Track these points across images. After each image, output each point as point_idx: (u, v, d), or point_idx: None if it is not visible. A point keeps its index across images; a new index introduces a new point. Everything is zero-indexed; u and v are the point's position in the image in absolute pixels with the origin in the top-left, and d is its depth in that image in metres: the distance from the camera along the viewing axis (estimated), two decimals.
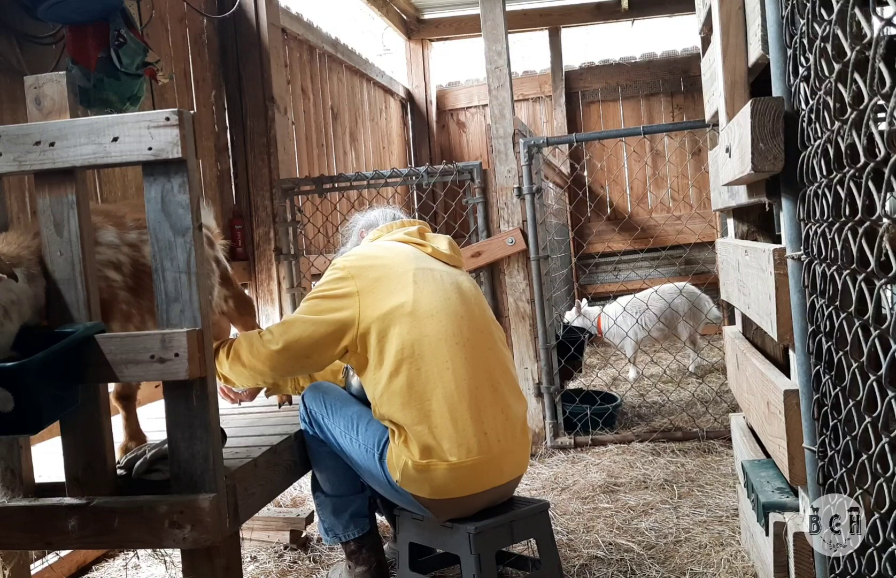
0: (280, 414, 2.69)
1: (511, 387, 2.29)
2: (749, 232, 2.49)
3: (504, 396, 2.23)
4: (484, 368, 2.20)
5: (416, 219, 2.64)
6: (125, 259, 2.00)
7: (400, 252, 2.33)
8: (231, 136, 4.29)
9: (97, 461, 1.83)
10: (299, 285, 4.18)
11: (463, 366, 2.14)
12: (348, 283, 2.20)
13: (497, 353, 2.27)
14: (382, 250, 2.36)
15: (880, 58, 1.01)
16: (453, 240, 2.52)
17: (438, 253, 2.40)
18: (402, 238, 2.43)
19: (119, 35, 2.78)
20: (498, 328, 2.37)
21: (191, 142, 1.74)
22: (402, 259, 2.28)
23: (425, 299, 2.18)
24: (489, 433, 2.14)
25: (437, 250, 2.40)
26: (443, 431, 2.08)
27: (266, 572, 2.74)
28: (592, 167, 7.83)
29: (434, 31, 7.84)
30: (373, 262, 2.27)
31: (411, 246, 2.39)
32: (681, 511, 2.98)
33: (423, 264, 2.28)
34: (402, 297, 2.16)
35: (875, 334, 1.14)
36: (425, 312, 2.16)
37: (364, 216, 2.67)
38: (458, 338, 2.17)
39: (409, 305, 2.15)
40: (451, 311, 2.20)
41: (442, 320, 2.17)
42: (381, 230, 2.50)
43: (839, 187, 1.29)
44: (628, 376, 5.37)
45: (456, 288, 2.27)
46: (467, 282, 2.36)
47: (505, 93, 4.02)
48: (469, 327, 2.21)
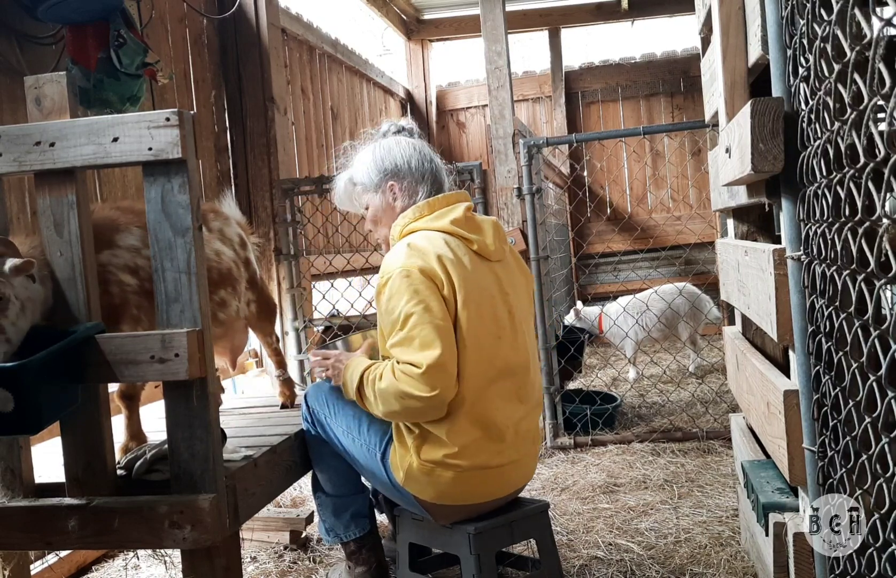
0: (280, 414, 2.69)
1: (536, 402, 2.21)
2: (749, 232, 2.49)
3: (526, 412, 2.16)
4: (511, 381, 2.10)
5: (457, 190, 2.30)
6: (143, 263, 1.99)
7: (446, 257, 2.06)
8: (231, 136, 4.29)
9: (97, 461, 1.84)
10: (299, 286, 4.18)
11: (489, 379, 2.06)
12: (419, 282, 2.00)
13: (527, 368, 2.15)
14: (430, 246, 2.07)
15: (880, 58, 1.01)
16: (499, 224, 2.24)
17: (484, 249, 2.13)
18: (447, 228, 2.11)
19: (119, 35, 2.78)
20: (533, 334, 2.23)
21: (191, 142, 1.74)
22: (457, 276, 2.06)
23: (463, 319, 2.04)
24: (503, 449, 2.08)
25: (483, 245, 2.13)
26: (457, 437, 2.03)
27: (266, 572, 2.74)
28: (592, 167, 7.83)
29: (434, 31, 7.84)
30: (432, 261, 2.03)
31: (457, 241, 2.10)
32: (681, 511, 2.98)
33: (470, 283, 2.07)
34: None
35: (875, 335, 1.14)
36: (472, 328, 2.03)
37: (389, 153, 2.24)
38: (489, 349, 2.07)
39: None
40: (485, 325, 2.07)
41: (483, 334, 2.05)
42: (421, 209, 2.17)
43: (839, 188, 1.29)
44: (628, 376, 5.37)
45: (497, 300, 2.10)
46: (511, 282, 2.18)
47: (505, 93, 4.02)
48: (504, 339, 2.09)
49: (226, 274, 2.35)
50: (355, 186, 2.32)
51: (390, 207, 2.24)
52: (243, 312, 2.51)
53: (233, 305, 2.38)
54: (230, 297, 2.36)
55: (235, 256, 2.45)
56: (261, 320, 2.73)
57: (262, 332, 2.82)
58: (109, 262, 1.95)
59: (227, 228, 2.52)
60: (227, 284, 2.35)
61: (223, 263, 2.34)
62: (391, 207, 2.24)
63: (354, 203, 2.36)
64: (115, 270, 1.95)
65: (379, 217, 2.28)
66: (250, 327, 2.74)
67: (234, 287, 2.39)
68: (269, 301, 2.82)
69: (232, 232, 2.54)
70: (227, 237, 2.48)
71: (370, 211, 2.29)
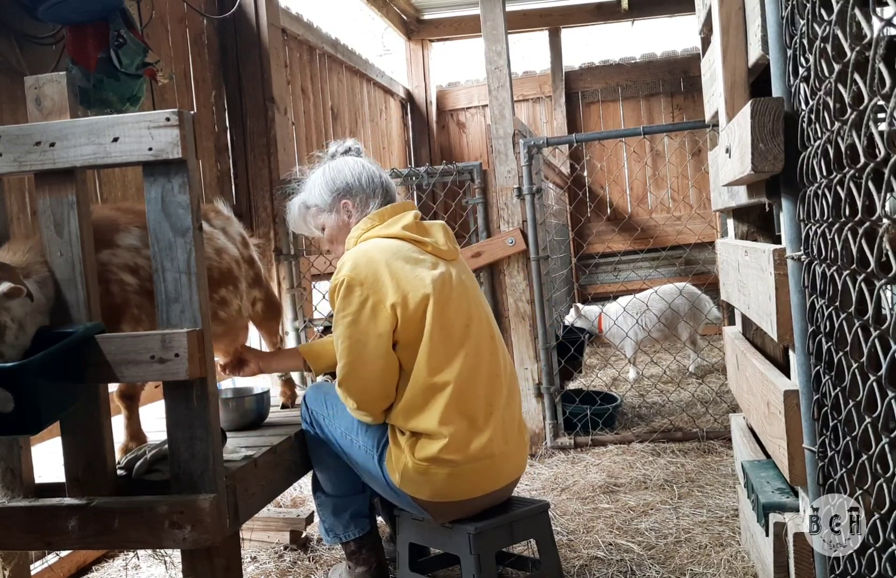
0: (280, 414, 2.69)
1: (509, 387, 2.28)
2: (749, 232, 2.49)
3: (503, 397, 2.23)
4: (485, 370, 2.19)
5: (405, 200, 2.39)
6: (143, 262, 1.99)
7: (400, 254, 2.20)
8: (231, 136, 4.29)
9: (97, 461, 1.84)
10: (299, 286, 4.18)
11: (466, 369, 2.14)
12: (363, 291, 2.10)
13: (496, 353, 2.26)
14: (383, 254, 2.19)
15: (880, 58, 1.01)
16: (448, 227, 2.34)
17: (438, 250, 2.25)
18: (400, 233, 2.21)
19: (119, 35, 2.78)
20: (495, 324, 2.34)
21: (191, 142, 1.74)
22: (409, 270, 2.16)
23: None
24: (494, 437, 2.13)
25: (436, 246, 2.26)
26: (445, 425, 2.08)
27: (266, 572, 2.74)
28: (592, 168, 7.82)
29: (434, 31, 7.84)
30: (384, 269, 2.12)
31: (410, 245, 2.23)
32: (681, 511, 2.98)
33: (430, 279, 2.15)
34: (427, 291, 2.12)
35: (875, 335, 1.14)
36: (447, 315, 2.14)
37: (339, 174, 2.32)
38: (461, 341, 2.16)
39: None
40: (465, 315, 2.18)
41: (458, 324, 2.16)
42: (372, 219, 2.25)
43: (839, 188, 1.29)
44: (628, 376, 5.37)
45: (461, 290, 2.22)
46: (468, 280, 2.32)
47: (505, 93, 4.02)
48: (472, 329, 2.19)
49: (226, 272, 2.35)
50: (309, 208, 2.39)
51: (345, 225, 2.33)
52: (247, 311, 2.52)
53: (234, 304, 2.38)
54: (231, 296, 2.37)
55: (238, 254, 2.46)
56: (267, 320, 2.73)
57: (268, 331, 2.83)
58: (109, 261, 1.95)
59: (229, 227, 2.52)
60: (228, 282, 2.35)
61: (224, 261, 2.35)
62: (346, 225, 2.32)
63: (309, 226, 2.43)
64: (116, 269, 1.95)
65: (335, 236, 2.36)
66: (256, 327, 2.75)
67: (235, 286, 2.39)
68: (275, 301, 2.82)
69: (234, 231, 2.54)
70: (229, 236, 2.48)
71: (326, 231, 2.38)
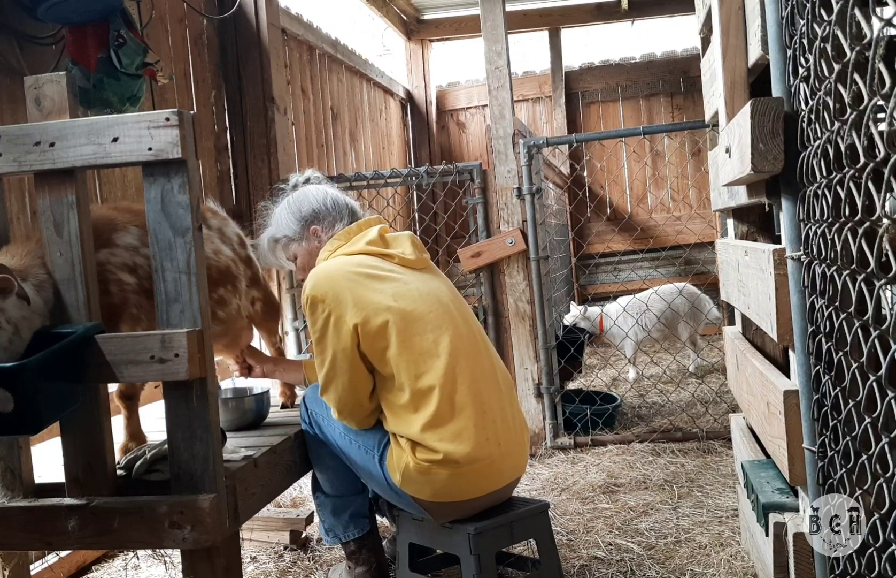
0: (280, 414, 2.69)
1: (507, 388, 2.28)
2: (749, 232, 2.49)
3: (502, 398, 2.23)
4: (480, 371, 2.19)
5: (370, 216, 2.41)
6: (142, 261, 1.99)
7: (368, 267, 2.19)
8: (231, 136, 4.29)
9: (97, 461, 1.84)
10: (299, 286, 4.18)
11: (462, 372, 2.13)
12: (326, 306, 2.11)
13: (480, 353, 2.24)
14: (347, 267, 2.17)
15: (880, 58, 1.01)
16: (415, 236, 2.33)
17: (405, 261, 2.24)
18: (364, 249, 2.21)
19: (119, 35, 2.78)
20: (478, 325, 2.33)
21: (191, 142, 1.74)
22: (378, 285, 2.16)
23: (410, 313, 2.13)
24: (490, 437, 2.13)
25: (403, 257, 2.24)
26: (444, 424, 2.08)
27: (266, 572, 2.74)
28: (592, 168, 7.82)
29: (434, 31, 7.84)
30: (344, 285, 2.12)
31: (375, 258, 2.21)
32: (681, 511, 2.98)
33: (400, 287, 2.16)
34: (386, 316, 2.09)
35: (875, 335, 1.14)
36: (414, 330, 2.11)
37: (305, 201, 2.35)
38: (452, 346, 2.14)
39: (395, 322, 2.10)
40: (436, 323, 2.15)
41: (429, 334, 2.13)
42: (339, 239, 2.27)
43: (839, 188, 1.29)
44: (628, 376, 5.37)
45: (435, 299, 2.19)
46: (443, 286, 2.29)
47: (505, 93, 4.02)
48: (445, 334, 2.15)
49: (224, 272, 2.35)
50: (278, 241, 2.40)
51: (316, 251, 2.33)
52: (246, 310, 2.52)
53: (233, 303, 2.38)
54: (230, 295, 2.37)
55: (234, 254, 2.46)
56: (266, 320, 2.74)
57: (268, 331, 2.83)
58: (108, 261, 1.95)
59: (225, 227, 2.53)
60: (226, 282, 2.36)
61: (220, 261, 2.35)
62: (317, 250, 2.33)
63: (279, 259, 2.44)
64: (114, 269, 1.95)
65: (306, 263, 2.36)
66: (256, 327, 2.75)
67: (233, 285, 2.40)
68: (274, 301, 2.83)
69: (231, 231, 2.54)
70: (226, 236, 2.48)
71: (299, 260, 2.39)
